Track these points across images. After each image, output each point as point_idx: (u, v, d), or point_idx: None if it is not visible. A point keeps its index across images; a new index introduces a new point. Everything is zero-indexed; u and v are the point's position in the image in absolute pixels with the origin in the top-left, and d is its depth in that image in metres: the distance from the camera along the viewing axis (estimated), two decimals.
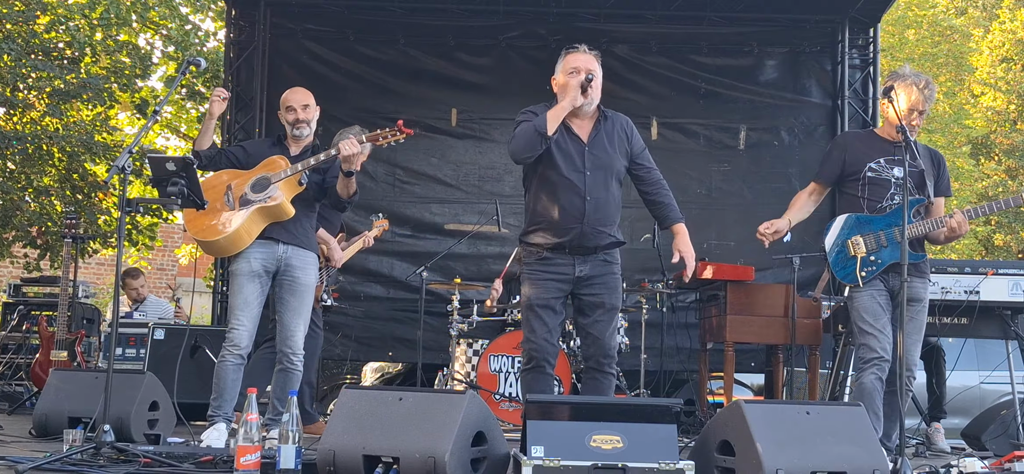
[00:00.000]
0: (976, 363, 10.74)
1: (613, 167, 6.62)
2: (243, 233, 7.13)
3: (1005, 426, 8.78)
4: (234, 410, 7.28)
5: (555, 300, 6.51)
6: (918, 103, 7.01)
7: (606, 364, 6.57)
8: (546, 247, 6.52)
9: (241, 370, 7.27)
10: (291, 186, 7.20)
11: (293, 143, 7.48)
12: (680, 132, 12.46)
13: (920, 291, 7.09)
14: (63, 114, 14.78)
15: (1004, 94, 25.30)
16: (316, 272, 7.53)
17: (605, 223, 6.54)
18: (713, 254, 11.57)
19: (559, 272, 6.51)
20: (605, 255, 6.60)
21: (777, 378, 10.03)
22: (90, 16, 15.16)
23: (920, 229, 7.08)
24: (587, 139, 6.57)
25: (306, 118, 7.44)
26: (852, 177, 7.25)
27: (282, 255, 7.29)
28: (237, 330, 7.21)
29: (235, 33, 12.37)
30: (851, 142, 7.48)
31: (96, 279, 23.12)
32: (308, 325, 7.53)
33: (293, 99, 7.48)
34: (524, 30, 12.40)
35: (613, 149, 6.62)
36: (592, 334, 6.58)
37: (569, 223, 6.45)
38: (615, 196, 6.66)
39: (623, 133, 6.70)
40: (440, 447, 5.20)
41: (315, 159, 7.13)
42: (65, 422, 6.77)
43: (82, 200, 15.26)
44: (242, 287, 7.26)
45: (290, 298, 7.35)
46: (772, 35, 12.50)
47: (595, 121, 6.65)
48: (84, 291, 11.98)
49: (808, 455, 5.42)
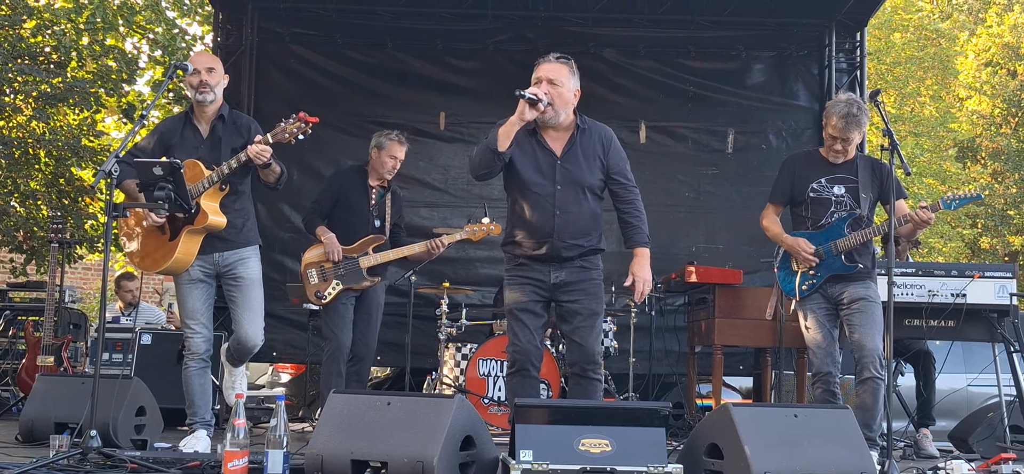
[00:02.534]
0: (963, 366, 10.76)
1: (585, 181, 6.63)
2: (184, 257, 7.11)
3: (992, 428, 8.80)
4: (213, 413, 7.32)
5: (535, 303, 6.57)
6: (836, 131, 7.36)
7: (590, 370, 6.57)
8: (523, 256, 6.60)
9: (206, 373, 7.31)
10: (213, 195, 7.11)
11: (199, 116, 7.30)
12: (668, 136, 12.45)
13: (860, 291, 7.34)
14: (49, 118, 14.74)
15: (990, 98, 25.39)
16: (258, 261, 7.45)
17: (577, 236, 6.57)
18: (701, 257, 11.54)
19: (536, 278, 6.57)
20: (582, 262, 6.62)
21: (765, 381, 10.04)
22: (76, 20, 15.12)
23: (858, 238, 7.35)
24: (560, 153, 6.62)
25: (211, 82, 7.19)
26: (799, 198, 7.60)
27: (220, 261, 7.27)
28: (193, 339, 7.24)
29: (222, 37, 12.32)
30: (797, 163, 7.78)
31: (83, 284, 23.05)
32: (261, 317, 7.44)
33: (197, 61, 7.31)
34: (512, 33, 12.37)
35: (587, 163, 6.64)
36: (575, 341, 6.60)
37: (540, 236, 6.53)
38: (589, 208, 6.67)
39: (600, 146, 6.72)
40: (428, 451, 5.20)
41: (228, 166, 6.98)
42: (52, 427, 6.76)
43: (69, 205, 15.23)
44: (187, 296, 7.26)
45: (237, 295, 7.33)
46: (760, 39, 12.50)
47: (571, 133, 6.68)
48: (71, 296, 11.95)
49: (796, 457, 5.44)
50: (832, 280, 7.41)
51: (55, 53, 14.96)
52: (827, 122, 7.46)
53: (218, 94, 7.28)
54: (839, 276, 7.38)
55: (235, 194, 7.30)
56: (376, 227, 8.85)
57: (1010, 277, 8.54)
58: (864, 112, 7.44)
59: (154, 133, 7.44)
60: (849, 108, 7.33)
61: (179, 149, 7.18)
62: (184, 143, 7.24)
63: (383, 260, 8.74)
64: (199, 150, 7.18)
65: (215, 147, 7.20)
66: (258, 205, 11.67)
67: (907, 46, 24.16)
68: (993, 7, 27.21)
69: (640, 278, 6.70)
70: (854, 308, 7.28)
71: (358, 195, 8.89)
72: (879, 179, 7.49)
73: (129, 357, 10.13)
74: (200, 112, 7.29)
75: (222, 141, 7.22)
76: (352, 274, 8.70)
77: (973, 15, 27.94)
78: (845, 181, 7.45)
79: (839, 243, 7.35)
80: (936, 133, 23.81)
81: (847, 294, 7.34)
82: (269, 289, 11.14)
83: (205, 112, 7.28)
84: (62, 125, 15.44)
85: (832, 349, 7.37)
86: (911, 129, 23.12)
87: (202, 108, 7.26)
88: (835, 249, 7.35)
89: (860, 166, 7.50)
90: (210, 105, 7.24)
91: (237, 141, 7.22)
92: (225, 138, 7.23)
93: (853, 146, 7.48)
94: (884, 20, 22.88)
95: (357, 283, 8.70)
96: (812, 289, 7.45)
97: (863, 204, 7.37)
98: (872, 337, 7.18)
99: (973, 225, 24.67)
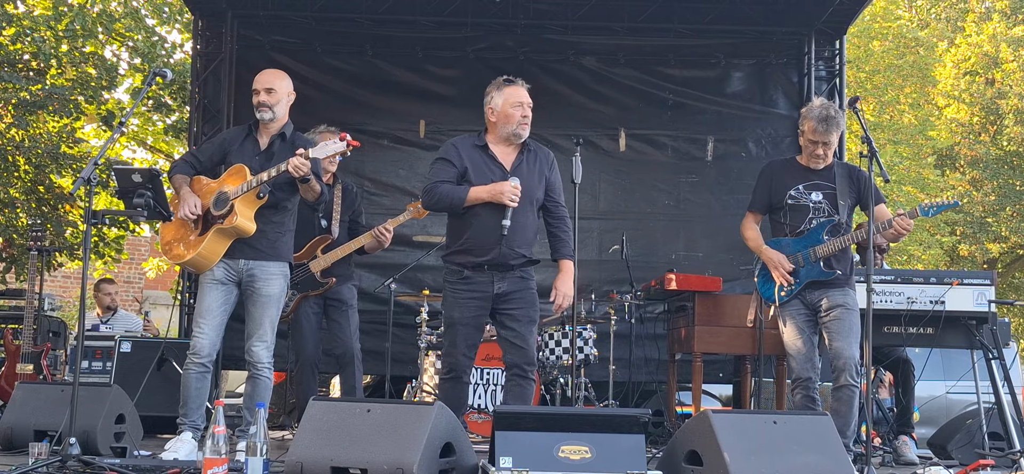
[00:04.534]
0: (942, 373, 10.79)
1: (532, 194, 7.16)
2: (208, 255, 7.17)
3: (970, 435, 8.84)
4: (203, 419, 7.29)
5: (476, 318, 7.11)
6: (815, 134, 7.48)
7: (528, 370, 7.07)
8: (467, 267, 7.06)
9: (206, 378, 7.28)
10: (249, 201, 7.16)
11: (262, 131, 7.45)
12: (648, 144, 12.47)
13: (839, 298, 7.42)
14: (29, 125, 14.70)
15: (968, 106, 25.48)
16: (283, 281, 7.44)
17: (522, 245, 7.09)
18: (681, 265, 11.59)
19: (480, 291, 7.06)
20: (521, 273, 7.13)
21: (745, 388, 10.06)
22: (56, 27, 15.07)
23: (836, 245, 7.43)
24: (510, 167, 7.12)
25: (269, 102, 7.33)
26: (777, 205, 7.69)
27: (244, 268, 7.28)
28: (199, 338, 7.22)
29: (202, 45, 12.31)
30: (775, 171, 7.86)
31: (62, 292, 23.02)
32: (274, 335, 7.45)
33: (259, 80, 7.42)
34: (492, 41, 12.39)
35: (533, 179, 7.18)
36: (515, 344, 7.07)
37: (489, 244, 6.99)
38: (532, 220, 7.23)
39: (544, 166, 7.29)
40: (408, 458, 5.21)
41: (268, 175, 7.07)
42: (31, 435, 6.72)
43: (48, 212, 15.18)
44: (205, 295, 7.29)
45: (252, 309, 7.34)
46: (739, 47, 12.53)
47: (519, 151, 7.20)
48: (50, 304, 11.92)
49: (775, 464, 5.46)
50: (811, 286, 7.46)
51: (34, 60, 14.93)
52: (804, 127, 7.56)
53: (277, 113, 7.41)
54: (818, 282, 7.42)
55: (277, 209, 7.37)
56: (323, 228, 8.79)
57: (989, 284, 8.57)
58: (840, 113, 7.60)
59: (217, 138, 7.75)
60: (824, 110, 7.45)
61: (236, 157, 7.34)
62: (242, 152, 7.39)
63: (333, 259, 8.70)
64: (253, 161, 7.28)
65: (268, 161, 7.27)
66: None
67: (886, 54, 24.23)
68: (970, 16, 27.33)
69: (561, 293, 7.21)
70: (832, 315, 7.33)
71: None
72: (857, 185, 7.55)
73: (108, 365, 10.10)
74: (262, 126, 7.44)
75: (275, 157, 7.28)
76: (306, 281, 8.68)
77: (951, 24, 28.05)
78: (823, 187, 7.50)
79: (817, 250, 7.38)
80: (915, 141, 23.88)
81: (826, 301, 7.38)
82: None
83: (267, 127, 7.43)
84: (41, 132, 15.39)
85: (812, 355, 7.41)
86: (890, 137, 23.19)
87: (264, 125, 7.42)
88: (813, 255, 7.39)
89: (838, 173, 7.57)
90: (270, 122, 7.39)
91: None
92: (278, 155, 7.28)
93: (831, 149, 7.55)
94: (863, 28, 22.96)
95: (313, 288, 8.68)
96: (791, 295, 7.48)
97: (841, 210, 7.43)
98: (849, 345, 7.22)
99: (952, 232, 24.75)
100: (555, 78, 12.39)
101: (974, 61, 25.75)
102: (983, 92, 25.36)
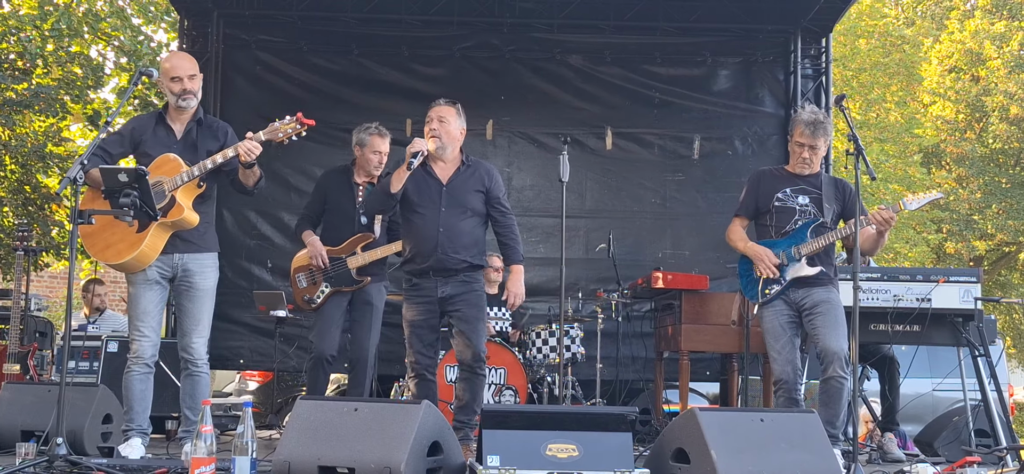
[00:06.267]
0: (928, 370, 10.82)
1: (467, 204, 7.65)
2: (149, 252, 7.02)
3: (957, 432, 8.88)
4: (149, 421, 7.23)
5: (427, 319, 7.63)
6: (804, 137, 7.60)
7: (478, 367, 7.60)
8: (414, 273, 7.67)
9: (149, 380, 7.18)
10: (190, 192, 7.07)
11: (175, 118, 7.28)
12: (634, 142, 12.48)
13: (822, 295, 7.48)
14: (15, 125, 14.67)
15: (953, 103, 25.55)
16: (216, 273, 7.37)
17: (459, 250, 7.55)
18: (667, 263, 11.61)
19: (427, 295, 7.61)
20: (465, 276, 7.61)
21: (732, 387, 10.08)
22: (41, 27, 15.03)
23: (821, 242, 7.48)
24: (446, 180, 7.64)
25: (193, 88, 7.21)
26: (764, 208, 7.76)
27: (179, 263, 7.17)
28: (141, 342, 7.12)
29: (188, 44, 12.27)
30: (763, 178, 7.94)
31: (49, 292, 22.93)
32: (209, 329, 7.36)
33: (179, 68, 7.26)
34: (478, 40, 12.38)
35: (468, 189, 7.67)
36: (465, 340, 7.59)
37: (427, 249, 7.55)
38: (470, 228, 7.66)
39: (482, 179, 7.74)
40: (396, 457, 5.21)
41: (212, 161, 6.98)
42: (18, 436, 6.70)
43: (34, 212, 15.16)
44: (140, 297, 7.16)
45: (188, 304, 7.22)
46: (725, 45, 12.54)
47: (457, 167, 7.72)
48: (37, 304, 11.89)
49: (762, 462, 5.47)
50: (795, 285, 7.48)
51: (20, 59, 14.89)
52: (794, 131, 7.65)
53: (199, 96, 7.32)
54: (802, 281, 7.44)
55: (206, 198, 7.26)
56: (363, 225, 8.75)
57: (974, 282, 8.61)
58: (829, 121, 7.70)
59: (124, 130, 7.40)
60: (814, 115, 7.58)
61: (150, 147, 7.16)
62: (156, 141, 7.20)
63: (371, 259, 8.64)
64: (172, 149, 7.13)
65: (190, 149, 7.16)
66: (224, 212, 11.75)
67: (872, 52, 24.26)
68: (955, 13, 27.40)
69: (513, 292, 7.75)
70: (817, 311, 7.35)
71: (342, 195, 8.74)
72: (842, 196, 7.64)
73: (95, 365, 10.09)
74: (176, 114, 7.26)
75: (198, 144, 7.19)
76: (341, 276, 8.62)
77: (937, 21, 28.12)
78: (809, 192, 7.56)
79: (802, 247, 7.41)
80: (901, 139, 23.93)
81: (810, 299, 7.41)
82: (236, 296, 11.21)
83: (182, 114, 7.26)
84: (27, 132, 15.36)
85: (793, 356, 7.44)
86: (876, 135, 23.24)
87: (180, 111, 7.24)
88: (797, 253, 7.41)
89: (824, 181, 7.66)
90: (189, 109, 7.25)
91: (213, 144, 7.21)
92: (201, 141, 7.21)
93: (819, 156, 7.61)
94: (849, 26, 23.01)
95: (347, 285, 8.62)
96: (775, 296, 7.51)
97: (827, 213, 7.47)
98: (836, 338, 7.24)
99: (938, 230, 24.84)
100: (541, 77, 12.40)
101: (957, 58, 25.83)
102: (968, 89, 25.44)
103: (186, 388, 7.25)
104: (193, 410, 7.14)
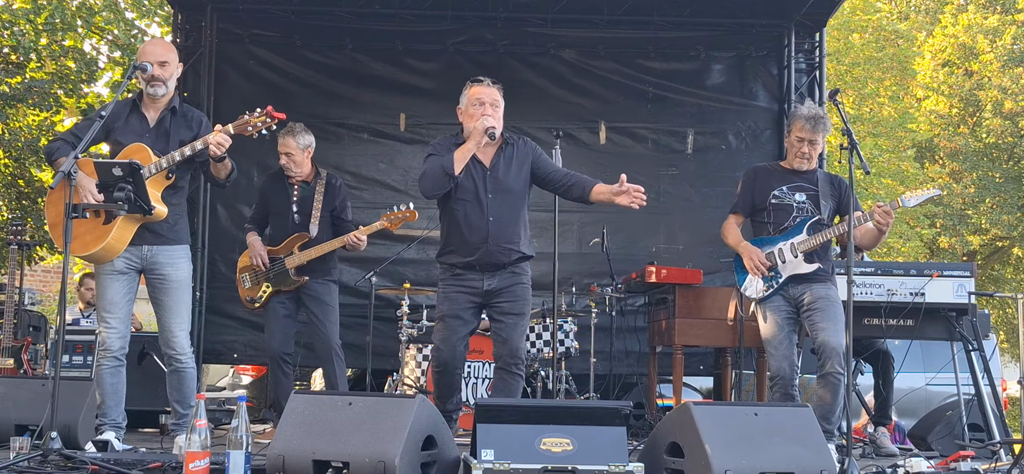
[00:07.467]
0: (922, 365, 10.83)
1: (514, 189, 7.29)
2: (116, 243, 6.93)
3: (951, 427, 8.90)
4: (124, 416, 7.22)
5: (465, 310, 7.20)
6: (803, 132, 7.63)
7: (514, 365, 7.17)
8: (458, 265, 7.23)
9: (120, 373, 7.14)
10: (159, 182, 6.98)
11: (149, 106, 7.20)
12: (628, 136, 12.47)
13: (821, 291, 7.52)
14: (8, 119, 14.65)
15: (946, 98, 25.58)
16: (189, 264, 7.30)
17: (510, 240, 7.20)
18: (661, 258, 11.59)
19: (470, 286, 7.20)
20: (512, 269, 7.24)
21: (725, 381, 10.07)
22: (35, 21, 15.03)
23: (818, 239, 7.52)
24: (489, 164, 7.26)
25: (163, 76, 7.10)
26: (760, 205, 7.78)
27: (147, 255, 7.09)
28: (109, 334, 7.06)
29: (181, 38, 12.24)
30: (759, 175, 7.98)
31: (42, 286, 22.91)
32: (189, 321, 7.32)
33: (150, 54, 7.18)
34: (472, 35, 12.36)
35: (515, 172, 7.30)
36: (502, 337, 7.22)
37: (476, 242, 7.15)
38: (517, 214, 7.30)
39: (524, 157, 7.36)
40: (390, 451, 5.20)
41: (181, 153, 6.90)
42: (12, 430, 6.69)
43: (28, 206, 15.14)
44: (107, 288, 7.07)
45: (163, 298, 7.15)
46: (719, 39, 12.53)
47: (498, 147, 7.32)
48: (30, 298, 11.87)
49: (756, 456, 5.47)
50: (793, 282, 7.50)
51: (14, 53, 14.89)
52: (793, 126, 7.67)
53: (170, 87, 7.20)
54: (800, 277, 7.46)
55: (176, 189, 7.19)
56: (297, 224, 8.78)
57: (968, 276, 8.63)
58: (828, 118, 7.72)
59: (94, 115, 7.14)
60: (813, 111, 7.62)
61: (122, 134, 7.09)
62: (127, 129, 7.12)
63: (309, 257, 8.70)
64: (144, 138, 7.05)
65: (162, 138, 7.08)
66: (217, 206, 11.76)
67: (866, 47, 24.26)
68: (948, 7, 27.42)
69: (623, 181, 7.09)
70: (815, 306, 7.38)
71: (277, 196, 8.88)
72: (837, 192, 7.69)
73: (89, 359, 10.08)
74: (149, 101, 7.19)
75: (170, 133, 7.11)
76: (280, 276, 8.74)
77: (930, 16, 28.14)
78: (806, 189, 7.60)
79: (799, 244, 7.43)
80: (895, 134, 23.95)
81: (808, 295, 7.44)
82: (229, 291, 11.17)
83: (155, 102, 7.18)
84: (21, 126, 15.34)
85: (789, 352, 7.45)
86: (870, 130, 23.25)
87: (153, 99, 7.16)
88: (794, 250, 7.43)
89: (820, 178, 7.71)
90: (161, 97, 7.16)
91: (186, 134, 7.11)
92: (174, 130, 7.12)
93: (817, 150, 7.64)
94: (843, 21, 23.00)
95: (286, 285, 8.71)
96: (773, 291, 7.52)
97: (823, 209, 7.51)
98: (835, 334, 7.26)
99: (932, 225, 24.85)
100: (535, 71, 12.38)
101: (951, 52, 25.86)
102: (962, 84, 25.47)
103: (173, 383, 7.22)
104: (182, 404, 7.16)
